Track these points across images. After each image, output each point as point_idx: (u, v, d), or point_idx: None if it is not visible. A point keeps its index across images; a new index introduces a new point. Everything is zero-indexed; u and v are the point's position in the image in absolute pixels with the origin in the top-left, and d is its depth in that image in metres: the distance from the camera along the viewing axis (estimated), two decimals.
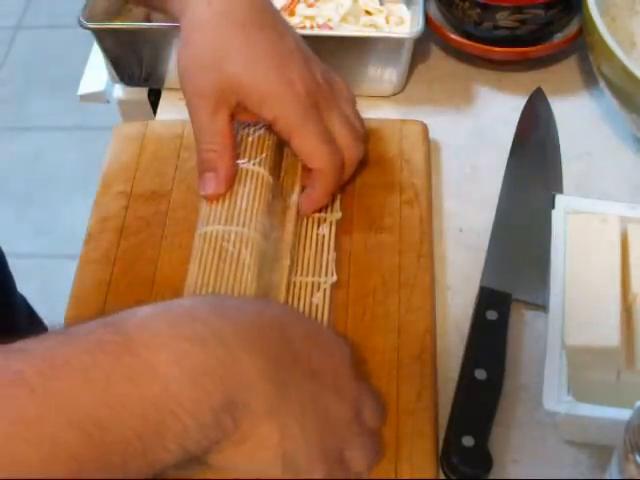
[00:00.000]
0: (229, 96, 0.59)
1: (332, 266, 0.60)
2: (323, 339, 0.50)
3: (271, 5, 0.64)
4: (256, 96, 0.59)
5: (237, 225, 0.59)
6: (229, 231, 0.59)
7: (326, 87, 0.62)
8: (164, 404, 0.40)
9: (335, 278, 0.60)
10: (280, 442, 0.44)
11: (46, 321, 0.98)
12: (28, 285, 0.92)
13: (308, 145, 0.60)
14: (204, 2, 0.60)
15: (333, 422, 0.47)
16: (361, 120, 0.65)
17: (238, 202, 0.60)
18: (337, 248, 0.62)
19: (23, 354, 0.39)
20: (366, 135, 0.65)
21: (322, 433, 0.46)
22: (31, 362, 0.39)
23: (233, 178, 0.61)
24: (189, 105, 0.61)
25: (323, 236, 0.61)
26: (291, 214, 0.63)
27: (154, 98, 0.79)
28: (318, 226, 0.63)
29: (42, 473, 0.37)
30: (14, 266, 0.87)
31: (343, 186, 0.65)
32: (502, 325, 0.59)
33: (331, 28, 0.74)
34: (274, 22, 0.62)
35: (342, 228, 0.63)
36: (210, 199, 0.61)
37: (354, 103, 0.65)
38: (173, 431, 0.40)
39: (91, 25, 0.73)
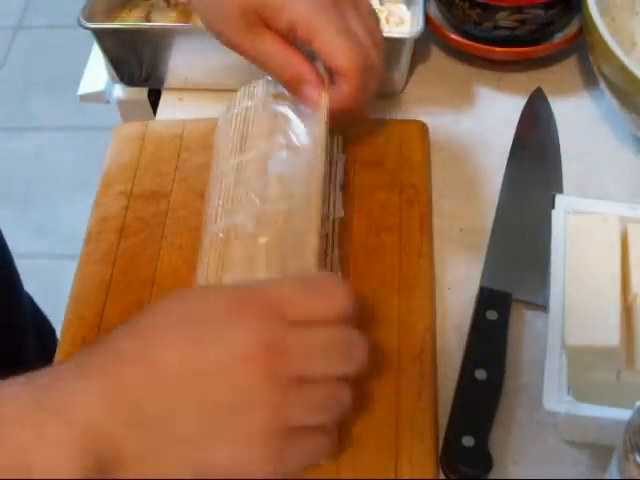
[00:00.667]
0: (254, 15, 0.57)
1: (337, 265, 0.60)
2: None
3: None
4: (269, 9, 0.57)
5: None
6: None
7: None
8: (33, 473, 0.40)
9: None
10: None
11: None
12: (28, 285, 0.92)
13: (330, 41, 0.57)
14: None
15: (236, 405, 0.43)
16: (380, 32, 0.62)
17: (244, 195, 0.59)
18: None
19: None
20: (383, 42, 0.62)
21: (232, 435, 0.43)
22: None
23: (323, 78, 0.59)
24: (237, 48, 0.60)
25: (326, 235, 0.61)
26: None
27: (154, 98, 0.79)
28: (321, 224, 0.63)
29: None
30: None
31: (344, 186, 0.65)
32: (502, 325, 0.59)
33: None
34: None
35: (342, 228, 0.63)
36: (317, 105, 0.59)
37: (376, 16, 0.63)
38: None
39: (91, 25, 0.73)
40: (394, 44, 0.72)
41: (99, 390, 0.42)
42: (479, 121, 0.74)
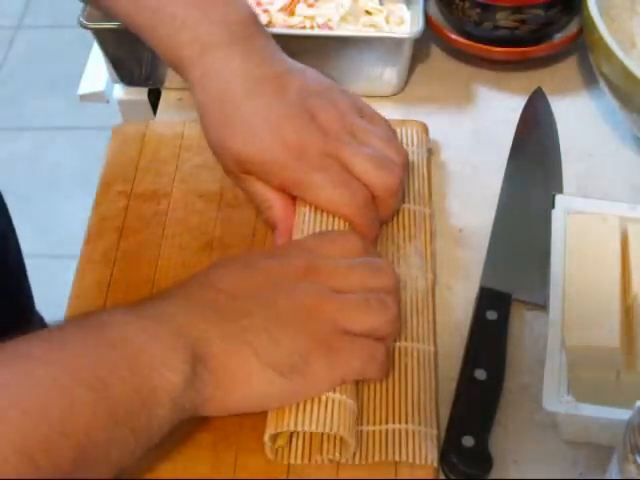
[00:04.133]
0: (243, 169, 0.61)
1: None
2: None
3: (272, 57, 0.62)
4: (257, 168, 0.60)
5: None
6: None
7: (339, 126, 0.60)
8: (145, 364, 0.47)
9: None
10: (260, 360, 0.50)
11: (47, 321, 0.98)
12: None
13: (322, 197, 0.59)
14: (199, 85, 0.61)
15: (299, 313, 0.52)
16: (395, 146, 0.62)
17: (329, 222, 0.60)
18: None
19: (26, 341, 0.47)
20: (403, 161, 0.62)
21: (294, 328, 0.51)
22: (35, 343, 0.47)
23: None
24: (229, 177, 0.64)
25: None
26: None
27: (154, 98, 0.79)
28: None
29: (62, 424, 0.44)
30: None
31: None
32: (502, 325, 0.59)
33: (331, 28, 0.74)
34: (273, 80, 0.61)
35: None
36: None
37: (388, 131, 0.64)
38: (160, 385, 0.47)
39: (91, 25, 0.73)
40: (394, 44, 0.72)
41: (183, 305, 0.51)
42: (479, 121, 0.74)
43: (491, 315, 0.59)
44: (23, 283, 0.87)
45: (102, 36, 0.74)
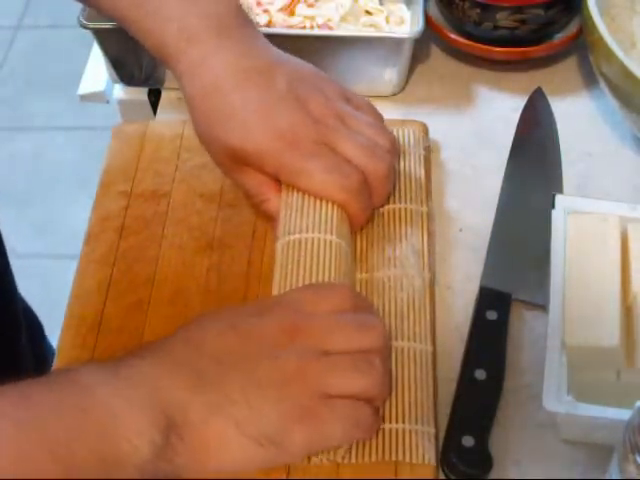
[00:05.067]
0: (238, 159, 0.61)
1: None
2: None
3: (258, 47, 0.63)
4: (251, 158, 0.60)
5: (318, 232, 0.59)
6: (310, 238, 0.59)
7: (329, 114, 0.61)
8: (114, 430, 0.46)
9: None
10: (239, 431, 0.49)
11: (44, 322, 0.98)
12: (28, 285, 0.92)
13: (316, 183, 0.60)
14: (187, 77, 0.61)
15: (281, 379, 0.50)
16: (384, 133, 0.63)
17: (317, 211, 0.60)
18: None
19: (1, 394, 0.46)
20: (392, 146, 0.63)
21: (275, 396, 0.49)
22: (5, 396, 0.46)
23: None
24: (220, 168, 0.64)
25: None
26: None
27: (154, 98, 0.79)
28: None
29: None
30: (14, 266, 0.87)
31: None
32: (502, 325, 0.59)
33: (331, 28, 0.74)
34: (261, 70, 0.61)
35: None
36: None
37: (376, 117, 0.64)
38: (128, 454, 0.46)
39: (91, 25, 0.73)
40: (394, 44, 0.72)
41: (163, 367, 0.49)
42: (479, 121, 0.74)
43: (491, 315, 0.59)
44: (5, 269, 0.87)
45: (102, 36, 0.74)
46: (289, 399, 0.49)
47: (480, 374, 0.55)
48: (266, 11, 0.75)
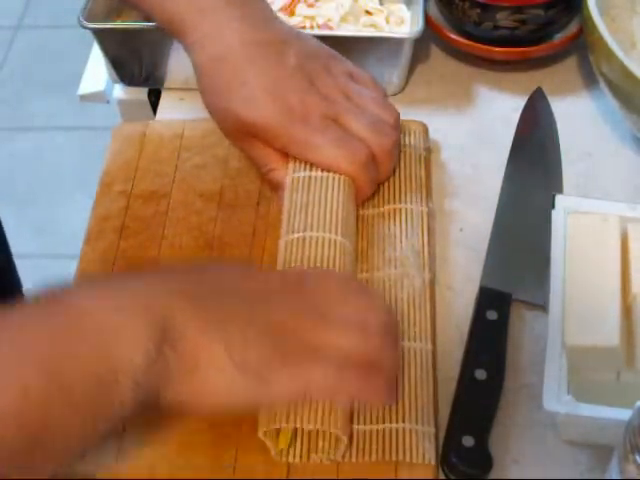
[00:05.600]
0: (248, 132, 0.62)
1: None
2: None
3: (269, 21, 0.64)
4: (260, 132, 0.62)
5: (322, 231, 0.59)
6: (314, 237, 0.59)
7: (336, 91, 0.63)
8: (107, 342, 0.45)
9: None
10: (227, 354, 0.48)
11: None
12: (28, 285, 0.92)
13: (324, 157, 0.61)
14: (198, 47, 0.62)
15: (276, 324, 0.50)
16: (389, 109, 0.65)
17: (322, 209, 0.60)
18: None
19: None
20: (396, 121, 0.65)
21: (269, 333, 0.49)
22: None
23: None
24: (229, 140, 0.66)
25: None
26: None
27: (154, 98, 0.79)
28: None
29: (15, 415, 0.42)
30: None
31: None
32: (502, 325, 0.59)
33: (331, 28, 0.74)
34: (272, 44, 0.62)
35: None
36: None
37: (379, 92, 0.66)
38: (122, 366, 0.45)
39: (91, 25, 0.73)
40: (394, 44, 0.72)
41: (160, 284, 0.49)
42: (479, 121, 0.74)
43: (491, 315, 0.59)
44: (10, 268, 0.87)
45: (102, 36, 0.74)
46: (280, 340, 0.49)
47: (480, 374, 0.55)
48: None
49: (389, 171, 0.65)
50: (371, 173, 0.62)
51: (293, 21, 0.75)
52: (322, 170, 0.62)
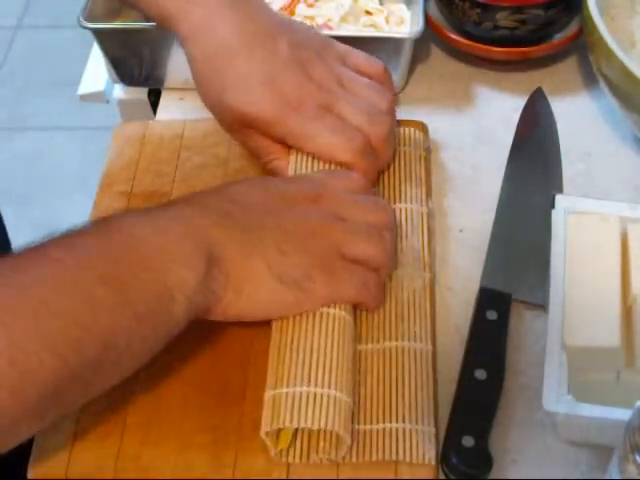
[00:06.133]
0: (241, 124, 0.63)
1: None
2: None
3: (260, 10, 0.65)
4: (258, 123, 0.62)
5: None
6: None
7: (330, 78, 0.63)
8: (161, 261, 0.49)
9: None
10: (270, 271, 0.53)
11: None
12: None
13: (321, 145, 0.62)
14: (191, 39, 0.63)
15: (307, 232, 0.55)
16: (383, 94, 0.65)
17: None
18: None
19: (42, 246, 0.48)
20: (391, 107, 0.65)
21: (301, 245, 0.54)
22: (52, 246, 0.48)
23: None
24: (227, 133, 0.66)
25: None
26: None
27: (154, 98, 0.79)
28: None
29: (87, 323, 0.46)
30: None
31: None
32: (502, 325, 0.59)
33: (331, 28, 0.74)
34: (264, 34, 0.63)
35: None
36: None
37: (375, 72, 0.66)
38: (177, 283, 0.49)
39: (91, 25, 0.73)
40: (394, 44, 0.72)
41: (198, 210, 0.53)
42: (479, 121, 0.74)
43: (491, 315, 0.59)
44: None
45: (102, 36, 0.74)
46: (312, 250, 0.54)
47: (480, 374, 0.55)
48: None
49: (388, 157, 0.65)
50: (369, 160, 0.62)
51: None
52: (322, 161, 0.62)
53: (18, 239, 1.01)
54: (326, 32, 0.74)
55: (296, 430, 0.52)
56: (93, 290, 0.47)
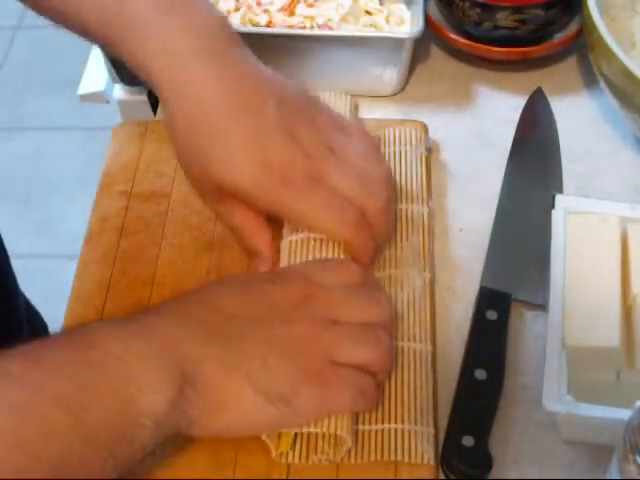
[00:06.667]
0: (222, 194, 0.58)
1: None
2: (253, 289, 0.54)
3: (248, 65, 0.59)
4: (242, 194, 0.57)
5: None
6: (315, 237, 0.58)
7: (321, 146, 0.58)
8: (130, 384, 0.46)
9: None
10: (252, 387, 0.49)
11: (47, 321, 0.98)
12: (28, 285, 0.92)
13: (309, 220, 0.58)
14: (172, 99, 0.57)
15: (294, 343, 0.51)
16: (378, 163, 0.60)
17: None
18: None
19: (6, 356, 0.45)
20: (388, 178, 0.60)
21: (288, 357, 0.50)
22: (14, 360, 0.45)
23: (277, 252, 0.60)
24: (206, 204, 0.62)
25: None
26: None
27: (154, 98, 0.79)
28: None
29: (36, 451, 0.43)
30: (14, 266, 0.87)
31: None
32: (502, 325, 0.59)
33: (331, 28, 0.74)
34: (251, 96, 0.57)
35: None
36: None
37: (370, 144, 0.62)
38: (143, 407, 0.46)
39: None
40: (394, 44, 0.72)
41: (177, 322, 0.50)
42: (479, 121, 0.74)
43: (491, 315, 0.59)
44: (5, 265, 0.87)
45: None
46: (301, 362, 0.50)
47: (480, 374, 0.55)
48: (266, 11, 0.75)
49: (385, 231, 0.60)
50: (364, 234, 0.58)
51: (293, 21, 0.75)
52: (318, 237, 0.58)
53: (18, 239, 1.02)
54: (326, 32, 0.74)
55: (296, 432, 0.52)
56: (47, 413, 0.44)
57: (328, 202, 0.57)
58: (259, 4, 0.76)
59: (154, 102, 0.79)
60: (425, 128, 0.70)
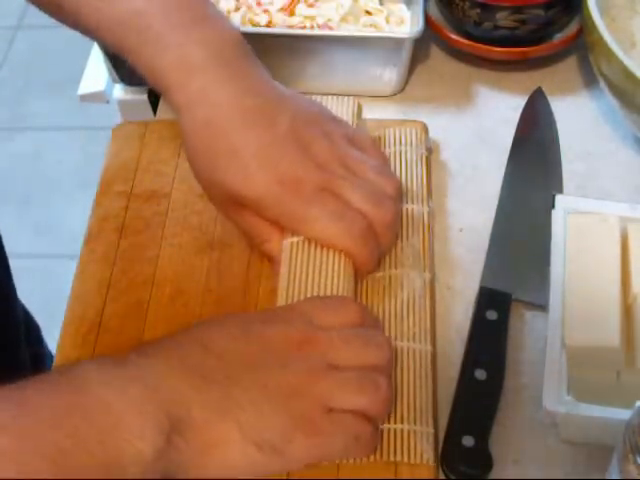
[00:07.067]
0: (233, 202, 0.59)
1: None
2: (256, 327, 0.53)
3: (262, 81, 0.60)
4: (251, 203, 0.58)
5: None
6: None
7: (332, 158, 0.59)
8: (116, 433, 0.45)
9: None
10: (242, 434, 0.48)
11: (44, 322, 0.98)
12: (28, 285, 0.92)
13: (318, 232, 0.58)
14: (186, 111, 0.58)
15: (289, 389, 0.50)
16: (389, 177, 0.61)
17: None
18: None
19: None
20: (397, 192, 0.61)
21: (282, 404, 0.49)
22: (4, 406, 0.45)
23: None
24: (218, 210, 0.63)
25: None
26: None
27: (154, 98, 0.79)
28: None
29: None
30: (14, 266, 0.87)
31: None
32: (502, 325, 0.59)
33: (331, 28, 0.74)
34: (264, 108, 0.58)
35: None
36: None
37: (380, 158, 0.62)
38: (130, 456, 0.45)
39: None
40: (394, 44, 0.72)
41: (168, 365, 0.49)
42: (479, 121, 0.74)
43: (491, 315, 0.59)
44: (3, 274, 0.86)
45: None
46: (294, 409, 0.49)
47: (480, 374, 0.56)
48: (266, 11, 0.75)
49: (390, 243, 0.60)
50: (370, 247, 0.58)
51: (293, 21, 0.75)
52: (320, 248, 0.59)
53: (18, 239, 1.01)
54: (326, 32, 0.74)
55: None
56: (28, 461, 0.43)
57: (337, 212, 0.57)
58: (259, 4, 0.76)
59: (154, 102, 0.79)
60: (425, 128, 0.70)
